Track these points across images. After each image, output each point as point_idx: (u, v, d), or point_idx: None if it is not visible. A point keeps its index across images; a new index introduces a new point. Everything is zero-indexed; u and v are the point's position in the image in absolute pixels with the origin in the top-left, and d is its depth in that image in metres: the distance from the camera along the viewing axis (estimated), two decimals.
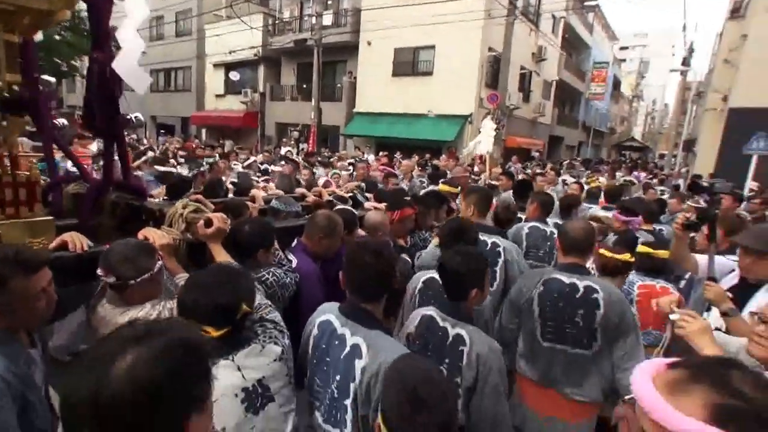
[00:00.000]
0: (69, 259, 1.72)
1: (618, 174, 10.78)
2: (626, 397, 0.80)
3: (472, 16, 15.00)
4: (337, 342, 1.52)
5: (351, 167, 7.55)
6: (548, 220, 3.64)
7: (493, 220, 3.42)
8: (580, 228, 2.22)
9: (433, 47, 16.84)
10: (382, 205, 3.13)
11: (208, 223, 1.94)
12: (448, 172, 7.49)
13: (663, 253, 2.73)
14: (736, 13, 15.93)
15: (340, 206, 2.95)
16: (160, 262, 1.66)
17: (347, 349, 1.48)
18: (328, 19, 18.05)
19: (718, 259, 2.33)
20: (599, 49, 30.84)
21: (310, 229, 2.32)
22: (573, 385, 2.06)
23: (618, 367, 1.99)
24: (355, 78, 19.47)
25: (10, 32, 2.02)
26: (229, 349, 1.34)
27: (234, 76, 22.52)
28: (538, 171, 10.01)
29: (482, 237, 2.71)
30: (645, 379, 0.75)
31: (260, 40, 21.26)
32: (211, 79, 24.65)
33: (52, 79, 2.88)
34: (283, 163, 7.03)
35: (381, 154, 12.43)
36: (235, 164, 7.33)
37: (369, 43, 18.14)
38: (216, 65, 24.00)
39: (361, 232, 2.66)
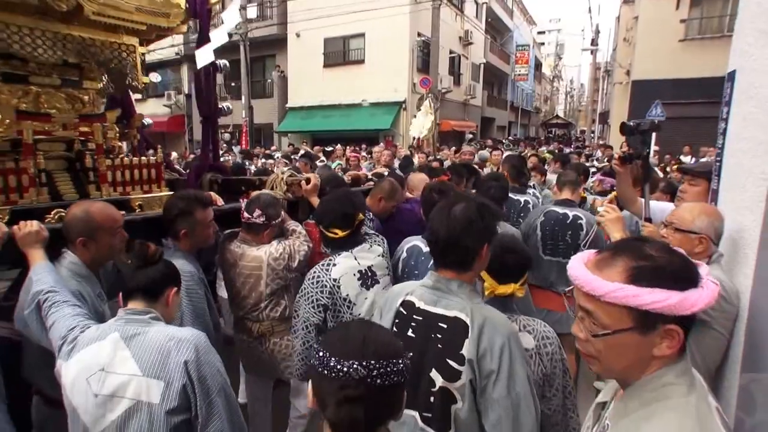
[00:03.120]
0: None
1: (541, 149, 13.55)
2: (566, 290, 0.94)
3: (399, 2, 15.15)
4: (423, 258, 2.20)
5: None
6: None
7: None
8: (572, 173, 3.15)
9: (363, 35, 16.84)
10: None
11: (308, 181, 2.63)
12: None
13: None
14: None
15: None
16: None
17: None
18: (252, 11, 17.44)
19: (659, 204, 2.62)
20: (520, 33, 32.45)
21: (375, 190, 2.84)
22: (565, 285, 2.80)
23: None
24: (282, 72, 18.98)
25: (142, 45, 2.64)
26: (349, 246, 2.00)
27: (155, 77, 20.97)
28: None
29: (515, 196, 3.60)
30: (578, 264, 0.91)
31: (181, 37, 20.10)
32: None
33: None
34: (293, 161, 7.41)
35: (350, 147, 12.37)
36: None
37: (298, 35, 17.75)
38: None
39: (408, 194, 3.26)
